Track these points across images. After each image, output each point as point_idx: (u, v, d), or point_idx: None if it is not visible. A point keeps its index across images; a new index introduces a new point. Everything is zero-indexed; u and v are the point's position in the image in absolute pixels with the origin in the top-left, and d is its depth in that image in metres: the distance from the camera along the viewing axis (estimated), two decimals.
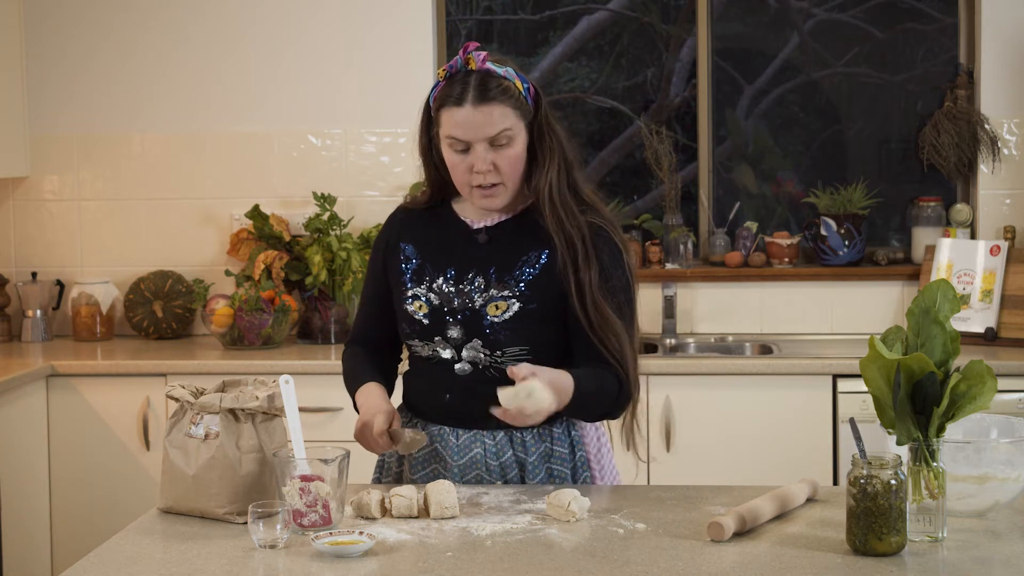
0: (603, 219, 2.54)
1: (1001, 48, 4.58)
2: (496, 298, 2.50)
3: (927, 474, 2.14)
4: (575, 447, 2.58)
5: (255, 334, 4.45)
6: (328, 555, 2.10)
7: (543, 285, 2.50)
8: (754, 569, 2.02)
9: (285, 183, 4.78)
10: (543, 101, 2.52)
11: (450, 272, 2.55)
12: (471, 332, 2.51)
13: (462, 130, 2.45)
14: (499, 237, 2.55)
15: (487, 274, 2.52)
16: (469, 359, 2.52)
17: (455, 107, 2.45)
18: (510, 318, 2.49)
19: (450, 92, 2.46)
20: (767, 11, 4.98)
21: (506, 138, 2.45)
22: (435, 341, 2.55)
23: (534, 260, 2.52)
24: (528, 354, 2.50)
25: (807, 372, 4.09)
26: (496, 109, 2.44)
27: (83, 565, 2.10)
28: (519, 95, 2.47)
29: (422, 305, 2.55)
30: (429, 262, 2.58)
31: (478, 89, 2.43)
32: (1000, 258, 4.43)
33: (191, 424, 2.38)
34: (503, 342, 2.50)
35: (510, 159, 2.47)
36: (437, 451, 2.58)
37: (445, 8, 4.86)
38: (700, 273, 4.71)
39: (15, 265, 4.86)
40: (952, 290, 2.24)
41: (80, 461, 4.24)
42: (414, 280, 2.58)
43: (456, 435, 2.57)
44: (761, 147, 4.98)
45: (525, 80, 2.49)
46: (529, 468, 2.54)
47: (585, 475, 2.59)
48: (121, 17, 4.80)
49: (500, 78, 2.45)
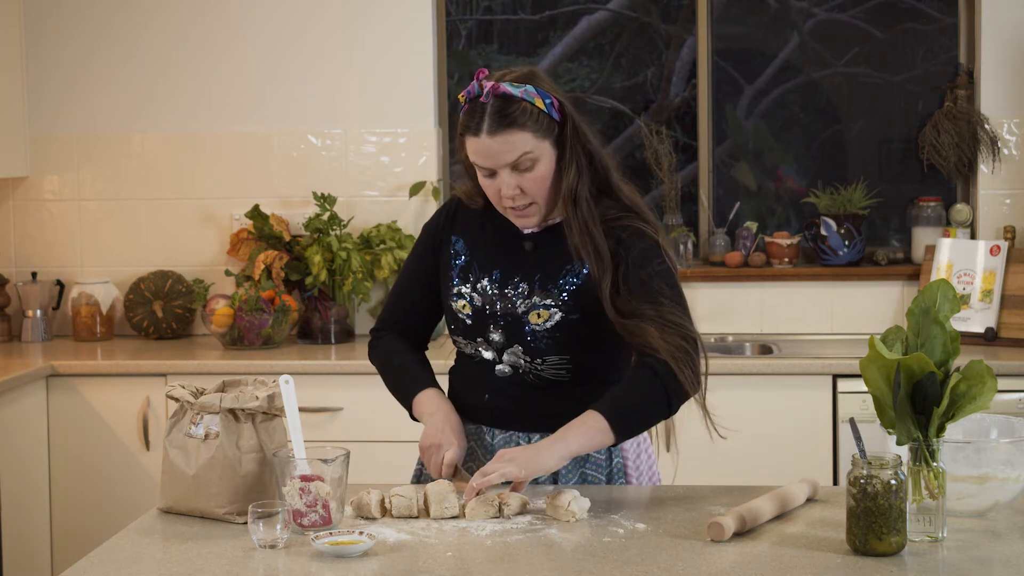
0: (644, 221, 2.49)
1: (1001, 48, 4.58)
2: (539, 306, 2.48)
3: (927, 474, 2.14)
4: (612, 452, 2.56)
5: (255, 334, 4.45)
6: (328, 555, 2.10)
7: (585, 296, 2.47)
8: (754, 569, 2.02)
9: (285, 183, 4.77)
10: (570, 111, 2.46)
11: (495, 274, 2.53)
12: (512, 338, 2.50)
13: (483, 158, 2.42)
14: (545, 245, 2.52)
15: (531, 281, 2.50)
16: (510, 363, 2.52)
17: (474, 136, 2.41)
18: (552, 327, 2.48)
19: (469, 121, 2.42)
20: (767, 11, 4.98)
21: (529, 161, 2.42)
22: (477, 341, 2.54)
23: (577, 270, 2.49)
24: (568, 363, 2.49)
25: (807, 372, 4.09)
26: (513, 136, 2.40)
27: (83, 565, 2.10)
28: (539, 114, 2.41)
29: (466, 304, 2.54)
30: (477, 261, 2.56)
31: (493, 118, 2.39)
32: (1000, 258, 4.43)
33: (191, 424, 2.38)
34: (544, 350, 2.49)
35: (536, 181, 2.43)
36: (473, 450, 2.58)
37: (445, 8, 4.86)
38: (700, 273, 4.71)
39: (15, 265, 4.86)
40: (952, 290, 2.24)
41: (80, 461, 4.24)
42: (460, 277, 2.56)
43: (492, 435, 2.56)
44: (762, 143, 4.98)
45: (547, 95, 2.43)
46: (562, 472, 2.53)
47: (620, 481, 2.57)
48: (121, 17, 4.80)
49: (518, 101, 2.40)
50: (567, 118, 2.45)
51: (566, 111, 2.46)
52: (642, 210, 2.52)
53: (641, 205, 2.53)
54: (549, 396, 2.51)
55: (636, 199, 2.53)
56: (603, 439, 2.36)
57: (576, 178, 2.45)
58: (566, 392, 2.50)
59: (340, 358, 4.30)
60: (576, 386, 2.49)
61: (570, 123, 2.45)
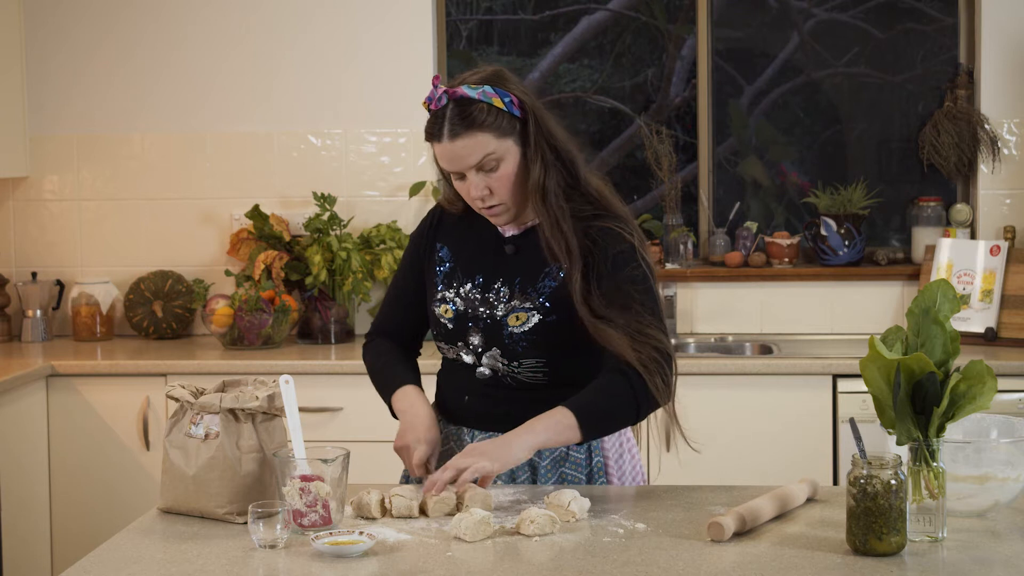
0: (614, 218, 2.51)
1: (1001, 48, 4.58)
2: (518, 309, 2.50)
3: (927, 474, 2.14)
4: (592, 452, 2.57)
5: (255, 334, 4.45)
6: (328, 555, 2.10)
7: (564, 298, 2.48)
8: (754, 569, 2.02)
9: (285, 183, 4.78)
10: (531, 107, 2.46)
11: (478, 279, 2.56)
12: (491, 341, 2.52)
13: (447, 163, 2.46)
14: (526, 248, 2.54)
15: (512, 285, 2.52)
16: (489, 366, 2.53)
17: (437, 142, 2.45)
18: (529, 330, 2.49)
19: (431, 128, 2.45)
20: (767, 11, 4.98)
21: (493, 161, 2.44)
22: (458, 345, 2.56)
23: (555, 272, 2.50)
24: (545, 366, 2.50)
25: (807, 372, 4.09)
26: (472, 139, 2.42)
27: (83, 565, 2.10)
28: (499, 113, 2.43)
29: (448, 309, 2.56)
30: (460, 267, 2.58)
31: (452, 122, 2.42)
32: (1000, 258, 4.43)
33: (191, 424, 2.38)
34: (520, 353, 2.50)
35: (502, 180, 2.45)
36: (452, 451, 2.58)
37: (445, 8, 4.86)
38: (700, 273, 4.71)
39: (15, 265, 4.86)
40: (952, 290, 2.24)
41: (80, 461, 4.24)
42: (445, 283, 2.59)
43: (472, 436, 2.57)
44: (765, 139, 4.98)
45: (506, 94, 2.44)
46: (541, 472, 2.54)
47: (601, 481, 2.57)
48: (121, 17, 4.80)
49: (475, 103, 2.42)
50: (529, 114, 2.46)
51: (527, 107, 2.46)
52: (613, 205, 2.53)
53: (610, 198, 2.54)
54: (527, 399, 2.52)
55: (605, 192, 2.55)
56: (570, 436, 2.40)
57: (542, 173, 2.46)
58: (543, 395, 2.50)
59: (340, 358, 4.31)
60: (553, 389, 2.50)
61: (532, 119, 2.46)
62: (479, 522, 2.17)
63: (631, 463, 2.65)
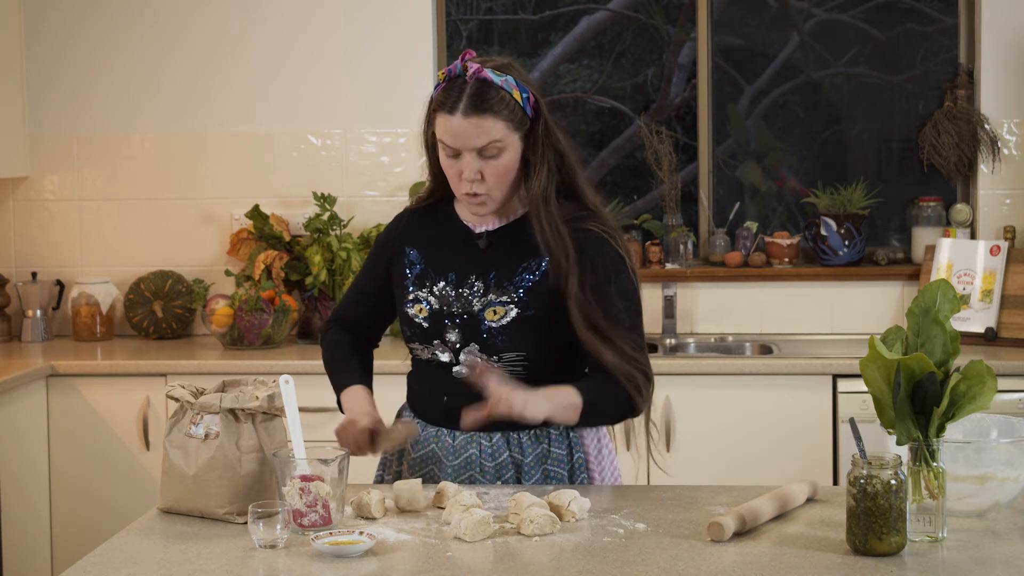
0: (605, 226, 2.53)
1: (1001, 48, 4.58)
2: (494, 303, 2.51)
3: (927, 474, 2.14)
4: (573, 449, 2.58)
5: (255, 334, 4.45)
6: (328, 555, 2.11)
7: (542, 292, 2.50)
8: (754, 569, 2.02)
9: (285, 183, 4.78)
10: (544, 109, 2.49)
11: (451, 276, 2.56)
12: (469, 336, 2.52)
13: (451, 138, 2.46)
14: (500, 242, 2.56)
15: (487, 279, 2.53)
16: (467, 363, 2.53)
17: (448, 114, 2.45)
18: (507, 324, 2.50)
19: (445, 98, 2.46)
20: (767, 11, 4.98)
21: (496, 149, 2.45)
22: (434, 344, 2.56)
23: (534, 267, 2.52)
24: (525, 360, 2.51)
25: (807, 372, 4.09)
26: (487, 121, 2.43)
27: (83, 565, 2.10)
28: (515, 106, 2.45)
29: (422, 308, 2.56)
30: (432, 267, 2.59)
31: (471, 99, 2.43)
32: (1000, 258, 4.43)
33: (191, 424, 2.38)
34: (500, 347, 2.50)
35: (497, 170, 2.46)
36: (434, 452, 2.58)
37: (445, 8, 4.86)
38: (700, 273, 4.71)
39: (15, 265, 4.86)
40: (952, 290, 2.24)
41: (80, 461, 4.24)
42: (416, 284, 2.59)
43: (453, 436, 2.57)
44: (764, 144, 4.98)
45: (525, 89, 2.47)
46: (525, 470, 2.55)
47: (582, 477, 2.59)
48: (121, 17, 4.80)
49: (497, 88, 2.44)
50: (540, 115, 2.49)
51: (540, 108, 2.49)
52: (604, 215, 2.56)
53: (602, 209, 2.57)
54: None
55: (598, 203, 2.57)
56: (570, 416, 2.44)
57: (547, 177, 2.49)
58: None
59: None
60: (533, 384, 2.50)
61: (542, 121, 2.49)
62: (479, 522, 2.18)
63: (609, 459, 2.67)
